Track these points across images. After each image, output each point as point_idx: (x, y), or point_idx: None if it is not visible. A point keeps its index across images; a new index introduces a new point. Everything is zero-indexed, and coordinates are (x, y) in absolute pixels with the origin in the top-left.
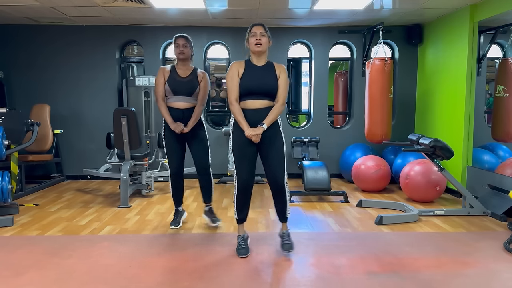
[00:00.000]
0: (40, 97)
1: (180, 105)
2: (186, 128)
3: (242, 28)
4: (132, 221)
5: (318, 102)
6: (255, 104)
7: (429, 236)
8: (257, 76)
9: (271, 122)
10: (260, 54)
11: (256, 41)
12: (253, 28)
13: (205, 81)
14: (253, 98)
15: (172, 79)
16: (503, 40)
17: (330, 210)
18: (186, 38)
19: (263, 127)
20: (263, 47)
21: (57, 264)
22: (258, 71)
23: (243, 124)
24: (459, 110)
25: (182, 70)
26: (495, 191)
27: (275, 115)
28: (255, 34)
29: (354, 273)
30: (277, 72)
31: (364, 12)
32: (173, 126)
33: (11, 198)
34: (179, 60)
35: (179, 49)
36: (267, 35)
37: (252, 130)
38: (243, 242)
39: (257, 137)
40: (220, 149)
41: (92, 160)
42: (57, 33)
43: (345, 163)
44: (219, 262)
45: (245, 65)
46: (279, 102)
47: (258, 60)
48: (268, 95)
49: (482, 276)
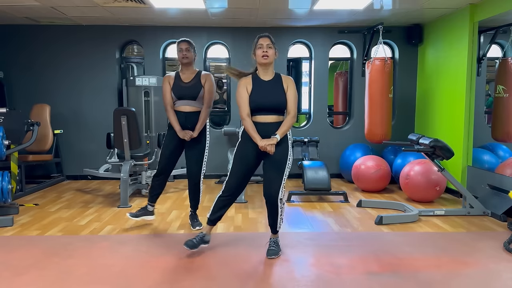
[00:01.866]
0: (40, 97)
1: (184, 109)
2: (194, 133)
3: (242, 28)
4: (132, 221)
5: (318, 102)
6: (264, 119)
7: (429, 236)
8: (265, 93)
9: (283, 133)
10: (267, 66)
11: (263, 53)
12: (259, 40)
13: (209, 83)
14: (263, 114)
15: (176, 85)
16: (503, 40)
17: (330, 210)
18: (189, 43)
19: (276, 137)
20: (270, 59)
21: (57, 264)
22: (266, 87)
23: (256, 137)
24: (459, 110)
25: (186, 75)
26: (495, 191)
27: (288, 127)
28: (262, 46)
29: (354, 273)
30: (284, 86)
31: (364, 12)
32: (181, 135)
33: (11, 198)
34: (183, 64)
35: (182, 54)
36: (273, 47)
37: (266, 141)
38: (200, 239)
39: (271, 147)
40: (220, 149)
41: (92, 160)
42: (57, 33)
43: (345, 163)
44: (219, 262)
45: (253, 81)
46: (290, 114)
47: (265, 73)
48: (277, 111)
49: (482, 276)
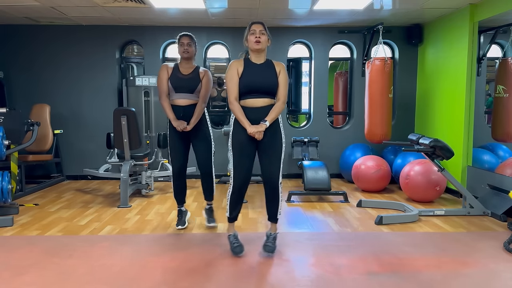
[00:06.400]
0: (40, 97)
1: (181, 102)
2: (189, 126)
3: (242, 28)
4: (132, 221)
5: (318, 102)
6: (255, 102)
7: (429, 236)
8: (257, 74)
9: (273, 119)
10: (259, 52)
11: (256, 39)
12: (252, 26)
13: (206, 78)
14: (254, 96)
15: (174, 76)
16: (503, 40)
17: (330, 210)
18: (191, 37)
19: (265, 124)
20: (263, 45)
21: (57, 264)
22: (258, 69)
23: (244, 122)
24: (459, 110)
25: (185, 68)
26: (495, 191)
27: (277, 113)
28: (255, 32)
29: (354, 273)
30: (277, 69)
31: (364, 12)
32: (175, 124)
33: (11, 198)
34: (183, 58)
35: (183, 48)
36: (266, 34)
37: (255, 127)
38: (236, 240)
39: (260, 134)
40: (220, 149)
41: (92, 160)
42: (57, 33)
43: (345, 163)
44: (219, 262)
45: (244, 64)
46: (280, 100)
47: (257, 58)
48: (269, 93)
49: (482, 276)
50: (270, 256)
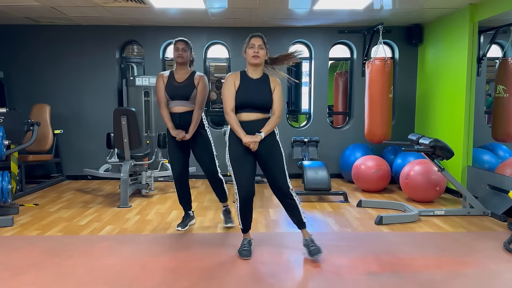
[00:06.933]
0: (40, 97)
1: (177, 109)
2: (188, 134)
3: (242, 28)
4: (132, 221)
5: (318, 102)
6: (249, 116)
7: (429, 236)
8: (252, 90)
9: (268, 131)
10: (256, 66)
11: (254, 54)
12: (251, 39)
13: (202, 83)
14: (248, 111)
15: (169, 84)
16: (503, 40)
17: (330, 210)
18: (186, 43)
19: (260, 135)
20: (260, 60)
21: (57, 264)
22: (253, 84)
23: (240, 133)
24: (459, 110)
25: (179, 74)
26: (495, 191)
27: (272, 126)
28: (253, 46)
29: (354, 273)
30: (271, 86)
31: (364, 12)
32: (174, 133)
33: (11, 198)
34: (178, 64)
35: (178, 53)
36: (265, 48)
37: (250, 137)
38: (248, 244)
39: (254, 144)
40: (221, 149)
41: (92, 160)
42: (57, 33)
43: (345, 163)
44: (219, 262)
45: (241, 78)
46: (276, 114)
47: (253, 72)
48: (263, 109)
49: (482, 276)
50: (319, 257)
